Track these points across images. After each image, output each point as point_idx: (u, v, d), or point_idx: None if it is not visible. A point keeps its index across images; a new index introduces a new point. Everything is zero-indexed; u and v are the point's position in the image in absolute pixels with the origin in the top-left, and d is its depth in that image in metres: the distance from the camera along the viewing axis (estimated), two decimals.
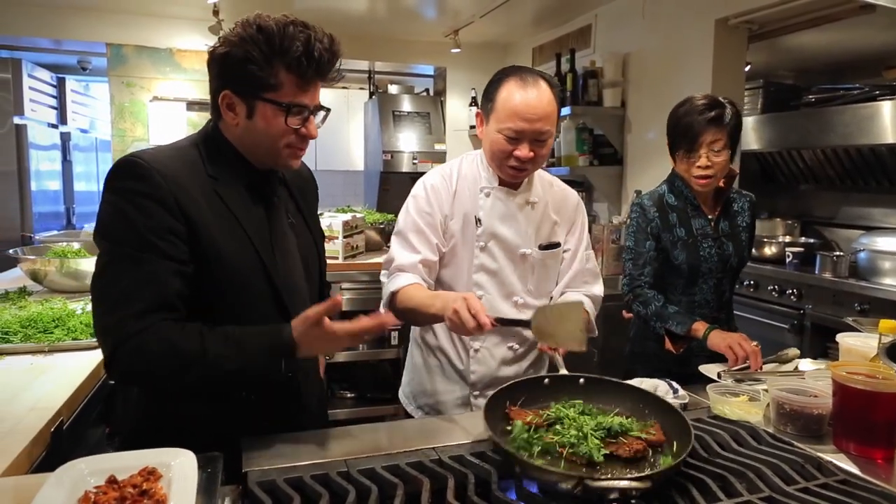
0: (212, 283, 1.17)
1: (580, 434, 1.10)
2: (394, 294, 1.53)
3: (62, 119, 5.42)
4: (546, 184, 1.70)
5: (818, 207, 4.58)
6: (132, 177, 1.12)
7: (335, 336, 1.15)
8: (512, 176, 1.58)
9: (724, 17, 2.88)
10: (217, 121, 1.26)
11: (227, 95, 1.19)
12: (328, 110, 1.28)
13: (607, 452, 1.08)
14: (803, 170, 4.40)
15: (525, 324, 1.35)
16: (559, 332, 1.35)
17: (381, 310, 1.57)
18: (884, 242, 3.31)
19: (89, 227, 4.04)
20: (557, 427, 1.14)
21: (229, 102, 1.19)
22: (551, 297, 1.69)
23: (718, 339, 1.71)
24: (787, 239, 4.14)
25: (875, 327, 1.47)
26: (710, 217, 1.97)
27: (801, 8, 2.61)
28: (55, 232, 4.21)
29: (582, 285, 1.70)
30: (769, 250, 3.98)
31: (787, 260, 3.71)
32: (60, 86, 5.40)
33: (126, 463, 0.92)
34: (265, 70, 1.15)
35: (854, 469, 1.10)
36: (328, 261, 3.35)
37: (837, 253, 3.55)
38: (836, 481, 1.04)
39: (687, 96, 1.91)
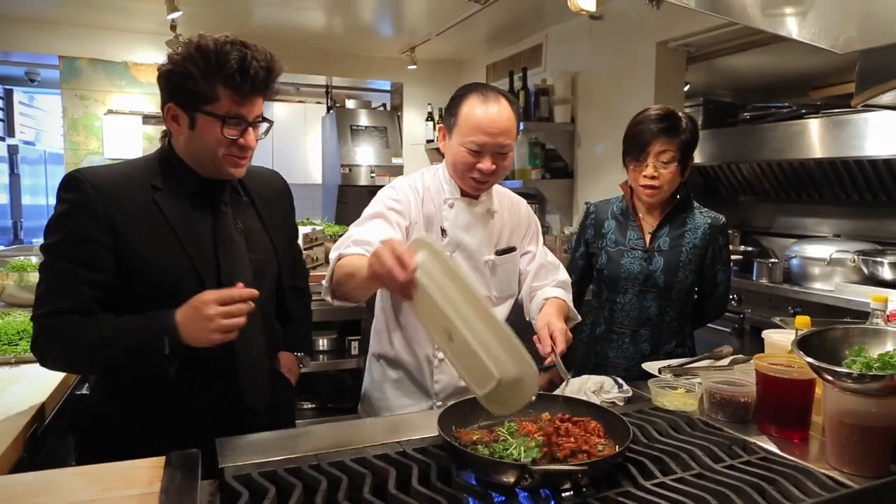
0: (142, 288, 1.28)
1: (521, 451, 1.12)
2: (338, 259, 1.46)
3: (9, 131, 5.29)
4: (500, 194, 1.78)
5: (756, 218, 4.86)
6: (68, 188, 1.26)
7: (202, 304, 1.19)
8: (474, 188, 1.64)
9: (664, 41, 3.08)
10: (169, 135, 1.37)
11: (171, 108, 1.30)
12: (271, 122, 1.39)
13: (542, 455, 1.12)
14: (742, 182, 4.66)
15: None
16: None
17: (324, 283, 1.51)
18: (813, 250, 3.54)
19: (39, 242, 3.97)
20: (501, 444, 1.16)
21: (174, 114, 1.31)
22: (515, 299, 1.77)
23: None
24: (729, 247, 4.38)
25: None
26: (649, 230, 1.97)
27: (731, 34, 2.83)
28: (3, 247, 4.11)
29: (547, 277, 1.78)
30: None
31: None
32: (7, 97, 5.28)
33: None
34: (202, 85, 1.26)
35: (774, 448, 1.24)
36: None
37: (772, 260, 3.78)
38: (758, 458, 1.17)
39: (646, 108, 1.97)
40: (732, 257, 3.87)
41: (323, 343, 3.61)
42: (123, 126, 4.37)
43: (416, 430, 1.33)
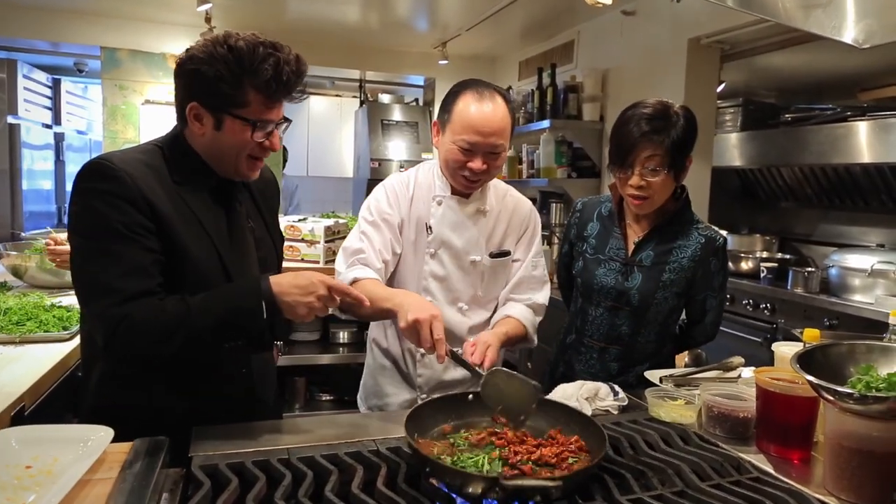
0: (178, 278, 1.23)
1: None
2: (354, 281, 1.53)
3: (56, 120, 5.48)
4: (500, 193, 1.74)
5: (797, 224, 4.66)
6: (102, 178, 1.18)
7: (318, 280, 1.19)
8: (465, 186, 1.62)
9: (697, 37, 2.97)
10: (183, 128, 1.31)
11: (195, 107, 1.24)
12: (289, 121, 1.35)
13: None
14: (783, 187, 4.49)
15: (475, 373, 1.32)
16: (506, 399, 1.24)
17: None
18: (854, 260, 3.37)
19: None
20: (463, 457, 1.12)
21: (196, 114, 1.25)
22: (497, 303, 1.75)
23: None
24: (764, 254, 4.21)
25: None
26: (634, 239, 1.76)
27: (767, 30, 2.70)
28: (48, 229, 4.26)
29: (526, 292, 1.73)
30: (745, 265, 4.05)
31: (762, 275, 3.78)
32: (55, 87, 5.47)
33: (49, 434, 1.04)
34: (235, 88, 1.21)
35: (769, 469, 1.16)
36: (310, 265, 3.41)
37: (809, 269, 3.61)
38: (749, 479, 1.10)
39: (639, 100, 1.70)
40: (766, 265, 3.77)
41: (343, 336, 3.62)
42: (159, 116, 4.47)
43: (396, 428, 1.29)
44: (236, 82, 1.20)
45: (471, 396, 1.29)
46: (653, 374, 1.63)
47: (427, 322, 1.31)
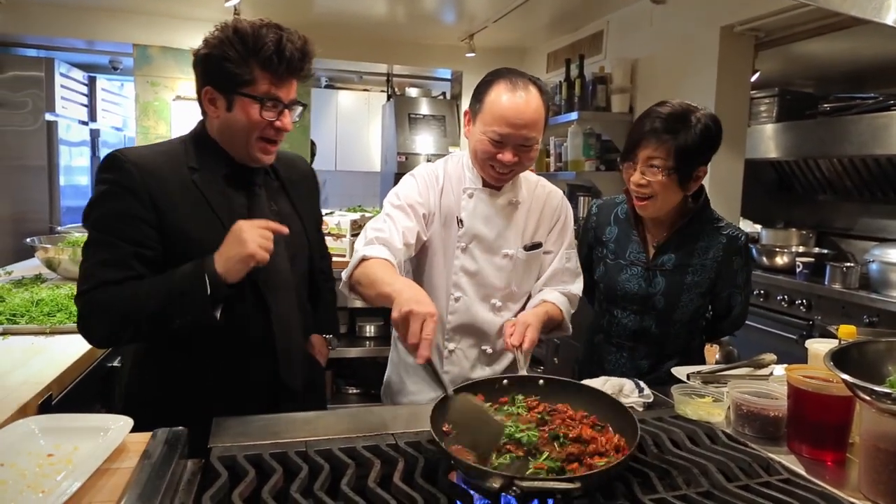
0: (179, 258, 1.27)
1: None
2: (364, 259, 1.44)
3: (92, 116, 5.61)
4: (531, 184, 1.69)
5: (837, 218, 4.51)
6: (110, 168, 1.27)
7: (236, 227, 1.24)
8: (495, 179, 1.58)
9: (730, 25, 2.88)
10: (204, 117, 1.38)
11: (209, 91, 1.32)
12: (305, 105, 1.40)
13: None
14: (820, 180, 4.35)
15: (444, 390, 1.18)
16: (470, 430, 1.11)
17: (343, 275, 1.51)
18: (895, 254, 3.25)
19: None
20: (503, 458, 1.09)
21: (211, 97, 1.32)
22: (530, 296, 1.71)
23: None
24: (800, 249, 4.08)
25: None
26: (654, 242, 1.75)
27: (803, 16, 2.60)
28: (79, 224, 4.37)
29: (560, 284, 1.69)
30: (780, 260, 3.94)
31: (798, 270, 3.67)
32: (91, 84, 5.59)
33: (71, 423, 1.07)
34: (241, 67, 1.27)
35: (801, 470, 1.11)
36: (336, 258, 3.42)
37: (848, 264, 3.49)
38: (779, 480, 1.06)
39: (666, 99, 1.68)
40: (802, 259, 3.65)
41: (370, 330, 3.64)
42: (190, 111, 4.54)
43: (417, 422, 1.29)
44: (242, 61, 1.27)
45: (505, 381, 1.26)
46: (680, 371, 1.59)
47: (421, 317, 1.18)
